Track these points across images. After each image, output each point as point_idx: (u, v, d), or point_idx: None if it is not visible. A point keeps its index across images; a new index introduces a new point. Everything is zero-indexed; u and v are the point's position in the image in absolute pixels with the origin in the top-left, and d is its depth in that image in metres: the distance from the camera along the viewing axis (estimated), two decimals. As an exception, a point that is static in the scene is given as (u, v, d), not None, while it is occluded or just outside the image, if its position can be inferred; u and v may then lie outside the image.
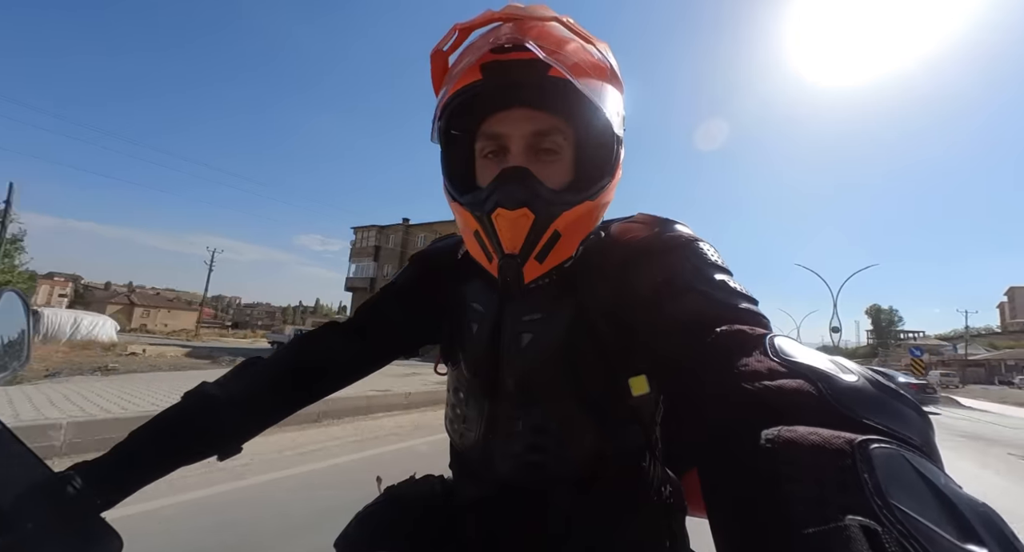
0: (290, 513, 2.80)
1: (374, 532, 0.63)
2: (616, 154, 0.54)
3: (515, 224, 0.49)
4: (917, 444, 0.27)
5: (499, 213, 0.49)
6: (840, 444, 0.25)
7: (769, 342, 0.36)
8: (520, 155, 0.52)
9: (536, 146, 0.52)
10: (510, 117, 0.52)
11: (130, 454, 0.51)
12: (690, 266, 0.50)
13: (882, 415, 0.28)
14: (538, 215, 0.49)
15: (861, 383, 0.30)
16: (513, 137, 0.52)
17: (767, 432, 0.28)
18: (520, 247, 0.50)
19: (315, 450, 4.34)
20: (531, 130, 0.52)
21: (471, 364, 0.61)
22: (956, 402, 18.91)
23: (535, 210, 0.49)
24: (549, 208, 0.49)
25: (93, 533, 0.46)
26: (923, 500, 0.22)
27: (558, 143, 0.53)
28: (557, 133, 0.52)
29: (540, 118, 0.52)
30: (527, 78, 0.49)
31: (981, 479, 5.15)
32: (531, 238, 0.49)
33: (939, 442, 0.30)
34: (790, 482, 0.25)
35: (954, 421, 11.47)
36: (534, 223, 0.49)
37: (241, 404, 0.59)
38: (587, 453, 0.54)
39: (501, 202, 0.49)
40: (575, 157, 0.54)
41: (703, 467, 0.35)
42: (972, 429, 10.12)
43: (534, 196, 0.49)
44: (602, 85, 0.51)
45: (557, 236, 0.50)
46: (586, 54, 0.51)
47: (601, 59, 0.53)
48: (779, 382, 0.32)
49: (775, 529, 0.24)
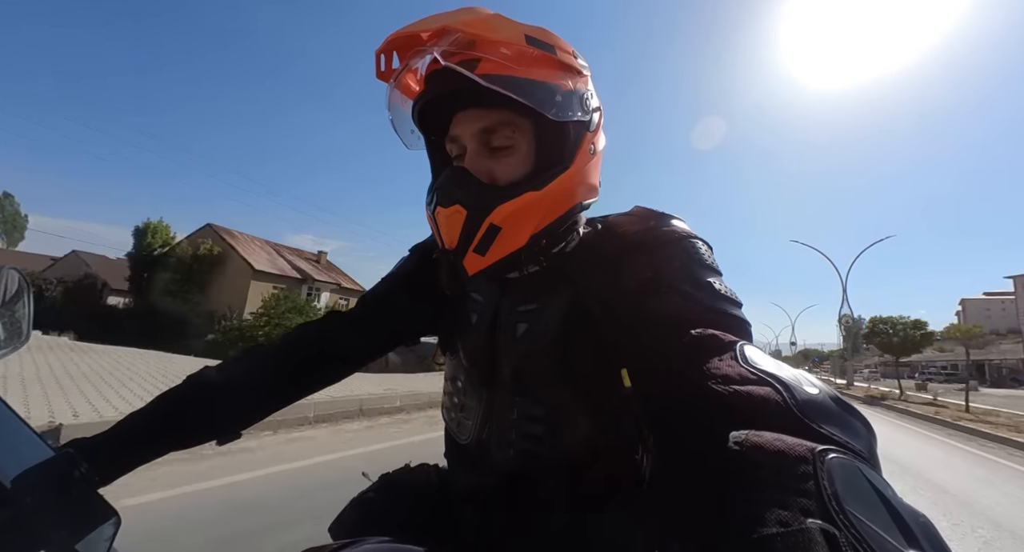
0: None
1: (368, 518, 0.63)
2: (574, 139, 0.54)
3: (450, 220, 0.52)
4: (866, 456, 0.29)
5: (438, 211, 0.52)
6: (802, 451, 0.26)
7: (740, 349, 0.38)
8: (474, 153, 0.54)
9: (488, 143, 0.54)
10: (462, 118, 0.55)
11: (129, 433, 0.52)
12: (679, 264, 0.50)
13: (838, 427, 0.30)
14: (470, 210, 0.51)
15: (822, 397, 0.32)
16: (465, 137, 0.54)
17: (735, 434, 0.29)
18: (456, 242, 0.52)
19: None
20: (478, 127, 0.54)
21: (469, 353, 0.62)
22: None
23: (467, 206, 0.51)
24: (481, 202, 0.51)
25: (91, 509, 0.46)
26: (873, 508, 0.24)
27: (508, 137, 0.53)
28: (506, 127, 0.53)
29: (486, 115, 0.53)
30: (457, 83, 0.50)
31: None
32: (465, 233, 0.51)
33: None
34: (755, 484, 0.26)
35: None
36: (467, 218, 0.51)
37: (242, 390, 0.59)
38: (581, 442, 0.55)
39: (439, 200, 0.52)
40: (535, 148, 0.54)
41: (667, 462, 0.37)
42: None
43: (466, 193, 0.51)
44: (543, 72, 0.51)
45: (495, 229, 0.51)
46: (512, 48, 0.50)
47: (534, 49, 0.52)
48: (748, 388, 0.34)
49: (740, 528, 0.25)
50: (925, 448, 7.52)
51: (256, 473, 3.45)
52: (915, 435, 9.00)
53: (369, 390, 7.36)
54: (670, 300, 0.48)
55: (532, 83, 0.50)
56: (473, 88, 0.49)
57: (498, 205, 0.50)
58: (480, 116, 0.53)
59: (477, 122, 0.53)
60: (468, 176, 0.52)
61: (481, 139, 0.54)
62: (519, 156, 0.54)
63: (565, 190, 0.54)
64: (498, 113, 0.53)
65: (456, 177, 0.53)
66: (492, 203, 0.51)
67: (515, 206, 0.51)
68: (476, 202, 0.51)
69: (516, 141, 0.54)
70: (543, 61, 0.52)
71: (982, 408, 14.03)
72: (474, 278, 0.61)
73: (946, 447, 7.74)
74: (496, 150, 0.54)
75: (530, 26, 0.54)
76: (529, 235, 0.53)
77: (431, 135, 0.60)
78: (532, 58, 0.51)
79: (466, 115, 0.54)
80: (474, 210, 0.51)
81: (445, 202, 0.52)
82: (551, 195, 0.53)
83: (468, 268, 0.52)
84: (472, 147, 0.54)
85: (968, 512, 4.02)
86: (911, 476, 5.26)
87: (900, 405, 14.70)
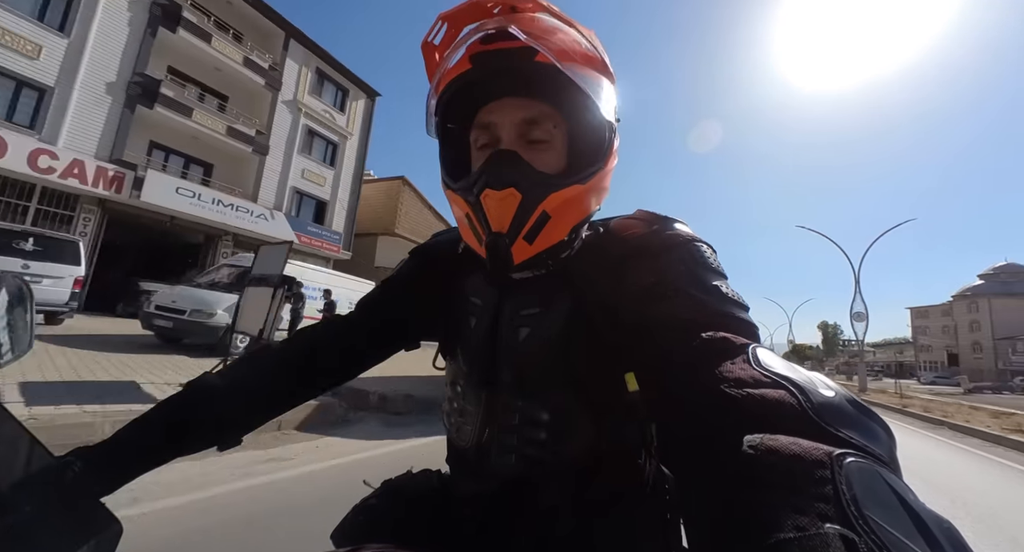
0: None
1: (371, 524, 0.63)
2: (608, 141, 0.54)
3: (502, 204, 0.50)
4: (886, 460, 0.28)
5: (487, 194, 0.50)
6: (820, 455, 0.26)
7: (752, 352, 0.38)
8: (511, 143, 0.53)
9: (526, 134, 0.53)
10: (500, 106, 0.53)
11: (131, 441, 0.52)
12: (684, 268, 0.50)
13: (857, 430, 0.29)
14: (525, 195, 0.50)
15: (838, 399, 0.31)
16: (503, 125, 0.53)
17: (750, 438, 0.29)
18: (508, 226, 0.50)
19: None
20: (521, 118, 0.52)
21: (469, 358, 0.62)
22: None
23: (522, 190, 0.49)
24: (536, 188, 0.50)
25: (92, 518, 0.46)
26: (894, 513, 0.23)
27: (548, 131, 0.53)
28: (547, 121, 0.53)
29: (530, 106, 0.53)
30: (514, 65, 0.50)
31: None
32: (519, 218, 0.50)
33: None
34: (771, 488, 0.26)
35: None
36: (521, 203, 0.50)
37: (242, 396, 0.59)
38: (583, 447, 0.54)
39: (489, 183, 0.50)
40: (567, 145, 0.55)
41: (681, 467, 0.36)
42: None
43: (521, 176, 0.50)
44: (591, 72, 0.51)
45: (546, 217, 0.50)
46: (573, 42, 0.51)
47: (589, 47, 0.53)
48: (762, 391, 0.33)
49: (755, 533, 0.24)
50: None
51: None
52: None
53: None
54: (678, 304, 0.47)
55: (590, 79, 0.50)
56: (526, 74, 0.50)
57: (552, 193, 0.50)
58: (525, 106, 0.53)
59: (521, 111, 0.52)
60: (522, 161, 0.51)
61: (521, 130, 0.53)
62: (555, 151, 0.54)
63: (600, 189, 0.55)
64: (542, 106, 0.53)
65: (509, 160, 0.51)
66: (547, 190, 0.50)
67: (566, 196, 0.51)
68: (531, 187, 0.50)
69: (554, 137, 0.54)
70: (595, 60, 0.53)
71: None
72: (474, 276, 0.62)
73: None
74: (533, 143, 0.53)
75: (581, 25, 0.55)
76: (570, 228, 0.53)
77: (449, 122, 0.59)
78: (588, 55, 0.52)
79: (507, 103, 0.53)
80: (529, 195, 0.50)
81: (497, 184, 0.50)
82: (591, 191, 0.53)
83: (516, 256, 0.51)
84: (509, 136, 0.53)
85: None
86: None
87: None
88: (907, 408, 12.62)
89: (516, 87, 0.52)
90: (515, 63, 0.50)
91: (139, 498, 2.47)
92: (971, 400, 18.82)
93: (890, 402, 14.55)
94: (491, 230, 0.51)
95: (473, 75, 0.51)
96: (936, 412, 11.48)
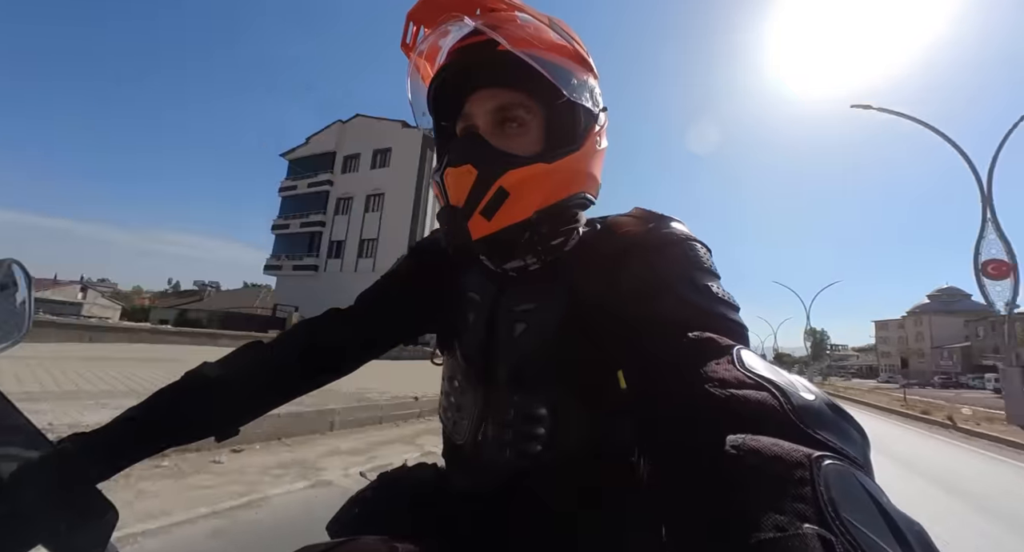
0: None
1: (365, 516, 0.63)
2: (585, 124, 0.56)
3: (459, 179, 0.52)
4: (860, 463, 0.29)
5: (447, 171, 0.53)
6: (799, 457, 0.26)
7: (737, 354, 0.38)
8: (486, 131, 0.55)
9: (501, 121, 0.55)
10: (477, 98, 0.56)
11: (127, 428, 0.52)
12: (678, 267, 0.50)
13: (834, 433, 0.30)
14: (481, 171, 0.51)
15: (818, 403, 0.32)
16: (478, 114, 0.56)
17: (732, 438, 0.29)
18: (464, 200, 0.52)
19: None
20: (492, 106, 0.55)
21: (466, 353, 0.62)
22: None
23: (478, 166, 0.52)
24: (493, 165, 0.52)
25: (89, 504, 0.46)
26: (869, 515, 0.24)
27: (521, 116, 0.55)
28: (518, 107, 0.55)
29: (501, 94, 0.55)
30: (480, 58, 0.53)
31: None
32: (475, 192, 0.51)
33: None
34: (753, 488, 0.26)
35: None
36: (477, 177, 0.51)
37: (240, 386, 0.59)
38: (578, 443, 0.55)
39: (449, 160, 0.53)
40: (544, 129, 0.56)
41: (664, 465, 0.37)
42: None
43: (477, 153, 0.53)
44: (557, 58, 0.53)
45: (503, 193, 0.51)
46: (536, 30, 0.54)
47: (557, 38, 0.55)
48: (745, 392, 0.34)
49: (736, 533, 0.25)
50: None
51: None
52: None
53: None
54: (668, 303, 0.47)
55: (554, 64, 0.52)
56: (494, 65, 0.53)
57: (509, 169, 0.52)
58: (496, 95, 0.55)
59: (492, 100, 0.55)
60: (482, 140, 0.54)
61: (495, 117, 0.55)
62: (530, 137, 0.55)
63: (573, 170, 0.55)
64: (513, 93, 0.55)
65: (470, 140, 0.55)
66: (503, 167, 0.52)
67: (525, 173, 0.52)
68: (488, 164, 0.52)
69: (528, 122, 0.55)
70: (564, 49, 0.55)
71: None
72: (472, 272, 0.63)
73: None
74: (508, 129, 0.55)
75: (553, 17, 0.56)
76: (535, 208, 0.54)
77: (441, 121, 0.61)
78: (555, 43, 0.54)
79: (482, 94, 0.56)
80: (485, 171, 0.51)
81: (456, 161, 0.52)
82: (560, 171, 0.54)
83: (472, 231, 0.52)
84: (484, 124, 0.55)
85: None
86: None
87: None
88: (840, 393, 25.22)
89: (490, 78, 0.55)
90: (480, 55, 0.53)
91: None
92: (896, 391, 27.04)
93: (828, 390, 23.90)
94: (448, 203, 0.53)
95: (446, 72, 0.56)
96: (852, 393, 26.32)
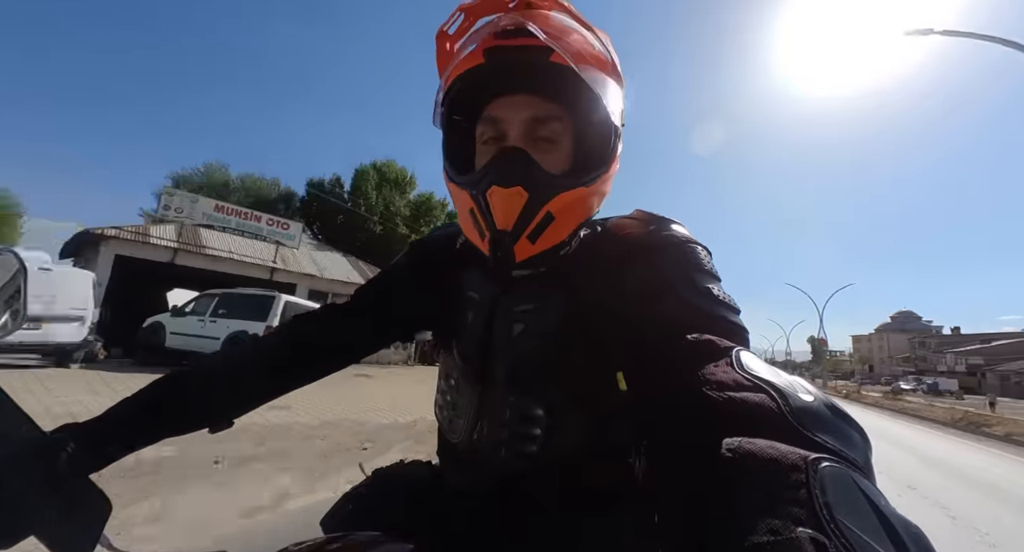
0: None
1: (360, 512, 0.63)
2: (613, 145, 0.55)
3: (509, 201, 0.50)
4: (860, 465, 0.29)
5: (494, 190, 0.50)
6: (795, 460, 0.26)
7: (735, 355, 0.38)
8: (518, 140, 0.53)
9: (534, 132, 0.53)
10: (510, 102, 0.53)
11: (121, 419, 0.51)
12: (679, 269, 0.50)
13: (833, 435, 0.30)
14: (532, 194, 0.49)
15: (817, 404, 0.32)
16: (512, 122, 0.53)
17: (728, 441, 0.29)
18: (512, 224, 0.50)
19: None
20: (529, 115, 0.52)
21: (464, 352, 0.62)
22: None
23: (529, 189, 0.49)
24: (544, 189, 0.50)
25: (82, 495, 0.46)
26: (865, 518, 0.24)
27: (556, 131, 0.53)
28: (555, 121, 0.53)
29: (539, 104, 0.53)
30: (528, 63, 0.50)
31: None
32: (524, 216, 0.50)
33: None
34: (748, 491, 0.26)
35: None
36: (528, 202, 0.49)
37: (236, 378, 0.59)
38: (574, 444, 0.55)
39: (496, 180, 0.50)
40: (573, 146, 0.55)
41: (660, 467, 0.37)
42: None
43: (529, 176, 0.50)
44: (603, 75, 0.52)
45: (550, 218, 0.50)
46: (588, 44, 0.52)
47: (602, 50, 0.53)
48: (743, 394, 0.34)
49: (729, 536, 0.25)
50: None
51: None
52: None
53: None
54: (669, 305, 0.47)
55: (602, 81, 0.51)
56: (537, 72, 0.50)
57: (558, 194, 0.50)
58: (534, 104, 0.53)
59: (529, 109, 0.52)
60: (531, 161, 0.51)
61: (528, 127, 0.53)
62: (561, 152, 0.54)
63: (601, 192, 0.55)
64: (551, 105, 0.53)
65: (519, 159, 0.51)
66: (553, 191, 0.50)
67: (571, 198, 0.51)
68: (539, 187, 0.50)
69: (561, 137, 0.54)
70: (607, 64, 0.53)
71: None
72: (472, 271, 0.62)
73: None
74: (540, 141, 0.53)
75: (596, 28, 0.55)
76: (571, 230, 0.53)
77: (455, 115, 0.58)
78: (601, 58, 0.52)
79: (517, 99, 0.53)
80: (535, 195, 0.50)
81: (505, 182, 0.49)
82: (595, 195, 0.54)
83: (517, 254, 0.51)
84: (517, 133, 0.53)
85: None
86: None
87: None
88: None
89: (527, 84, 0.52)
90: (529, 60, 0.49)
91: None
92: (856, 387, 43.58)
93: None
94: (496, 227, 0.50)
95: (485, 69, 0.51)
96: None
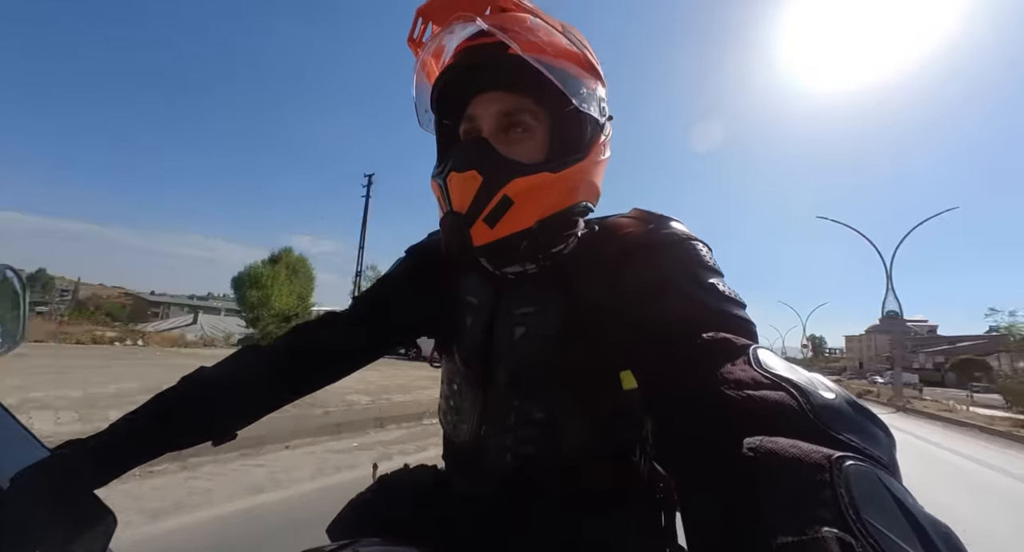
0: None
1: (365, 519, 0.64)
2: (590, 135, 0.55)
3: (464, 185, 0.51)
4: (885, 463, 0.28)
5: (451, 176, 0.52)
6: (819, 459, 0.25)
7: (753, 353, 0.37)
8: (491, 134, 0.54)
9: (506, 126, 0.54)
10: (483, 99, 0.55)
11: (125, 434, 0.51)
12: (681, 266, 0.50)
13: (857, 433, 0.29)
14: (486, 177, 0.50)
15: (839, 402, 0.31)
16: (483, 117, 0.54)
17: (749, 441, 0.28)
18: (467, 207, 0.51)
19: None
20: (498, 109, 0.53)
21: (465, 356, 0.62)
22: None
23: (483, 172, 0.50)
24: (499, 173, 0.50)
25: (87, 510, 0.46)
26: (892, 517, 0.23)
27: (526, 122, 0.54)
28: (524, 112, 0.53)
29: (508, 98, 0.54)
30: (488, 59, 0.52)
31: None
32: (479, 199, 0.50)
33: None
34: (770, 492, 0.25)
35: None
36: (482, 185, 0.50)
37: (237, 390, 0.59)
38: (578, 446, 0.55)
39: (454, 165, 0.52)
40: (549, 137, 0.55)
41: (681, 468, 0.36)
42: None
43: (484, 160, 0.51)
44: (567, 65, 0.52)
45: (508, 201, 0.50)
46: (548, 36, 0.52)
47: (569, 44, 0.54)
48: (762, 393, 0.33)
49: (753, 536, 0.25)
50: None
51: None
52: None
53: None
54: (677, 303, 0.47)
55: (563, 71, 0.51)
56: (502, 67, 0.51)
57: (515, 178, 0.50)
58: (502, 99, 0.54)
59: (498, 104, 0.54)
60: (489, 146, 0.52)
61: (500, 121, 0.54)
62: (534, 143, 0.54)
63: (577, 180, 0.54)
64: (520, 98, 0.53)
65: (476, 145, 0.53)
66: (509, 175, 0.51)
67: (531, 182, 0.51)
68: (494, 171, 0.51)
69: (533, 128, 0.54)
70: (575, 56, 0.54)
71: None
72: (470, 275, 0.62)
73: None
74: (513, 134, 0.54)
75: (566, 23, 0.55)
76: (537, 218, 0.53)
77: (443, 118, 0.60)
78: (566, 50, 0.53)
79: (487, 96, 0.54)
80: (490, 178, 0.50)
81: (461, 167, 0.51)
82: (564, 181, 0.53)
83: (475, 238, 0.51)
84: (488, 127, 0.54)
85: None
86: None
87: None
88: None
89: (498, 81, 0.54)
90: (488, 57, 0.52)
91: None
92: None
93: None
94: (452, 209, 0.52)
95: (452, 71, 0.54)
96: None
